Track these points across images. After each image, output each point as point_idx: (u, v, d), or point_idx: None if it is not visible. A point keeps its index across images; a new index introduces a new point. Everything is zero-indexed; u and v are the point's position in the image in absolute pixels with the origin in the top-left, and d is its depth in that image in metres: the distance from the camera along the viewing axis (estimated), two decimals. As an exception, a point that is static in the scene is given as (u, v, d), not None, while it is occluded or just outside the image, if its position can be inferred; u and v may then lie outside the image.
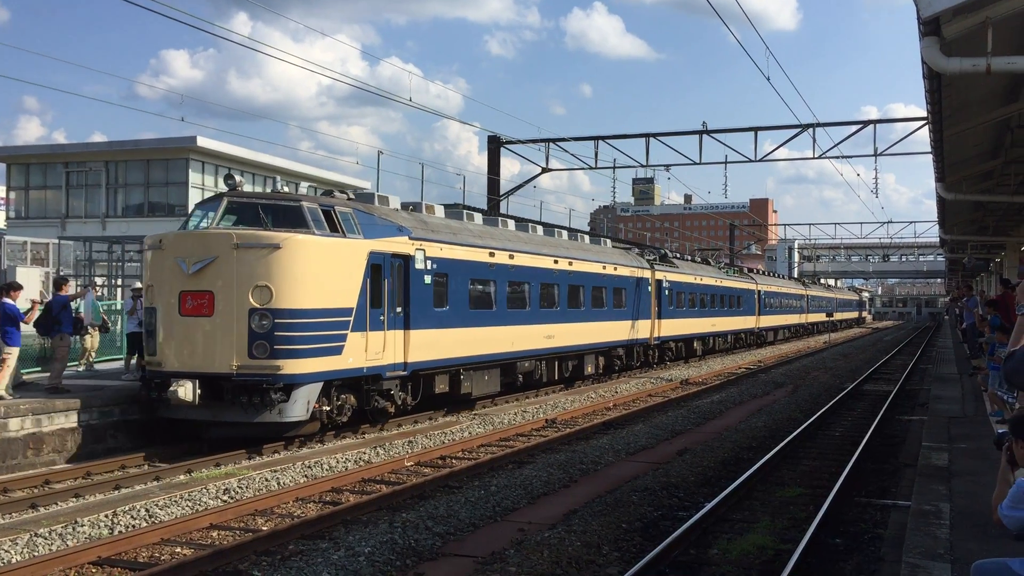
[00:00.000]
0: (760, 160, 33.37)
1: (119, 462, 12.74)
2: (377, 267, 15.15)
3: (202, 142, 35.82)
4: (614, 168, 36.19)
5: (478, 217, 20.88)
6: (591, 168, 34.79)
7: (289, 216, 14.20)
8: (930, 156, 19.71)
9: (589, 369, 24.57)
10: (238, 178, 15.14)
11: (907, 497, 9.27)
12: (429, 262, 16.74)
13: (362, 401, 15.31)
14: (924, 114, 21.55)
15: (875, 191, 38.85)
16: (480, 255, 18.73)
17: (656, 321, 29.55)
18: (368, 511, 10.02)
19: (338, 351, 14.22)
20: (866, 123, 32.15)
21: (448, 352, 17.41)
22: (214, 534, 9.25)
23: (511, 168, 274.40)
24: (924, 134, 27.00)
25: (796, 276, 75.49)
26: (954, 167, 20.48)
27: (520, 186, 37.11)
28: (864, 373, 28.21)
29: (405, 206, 17.81)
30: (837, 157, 32.97)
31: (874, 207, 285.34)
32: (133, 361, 16.83)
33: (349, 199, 16.20)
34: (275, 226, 13.96)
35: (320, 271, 13.99)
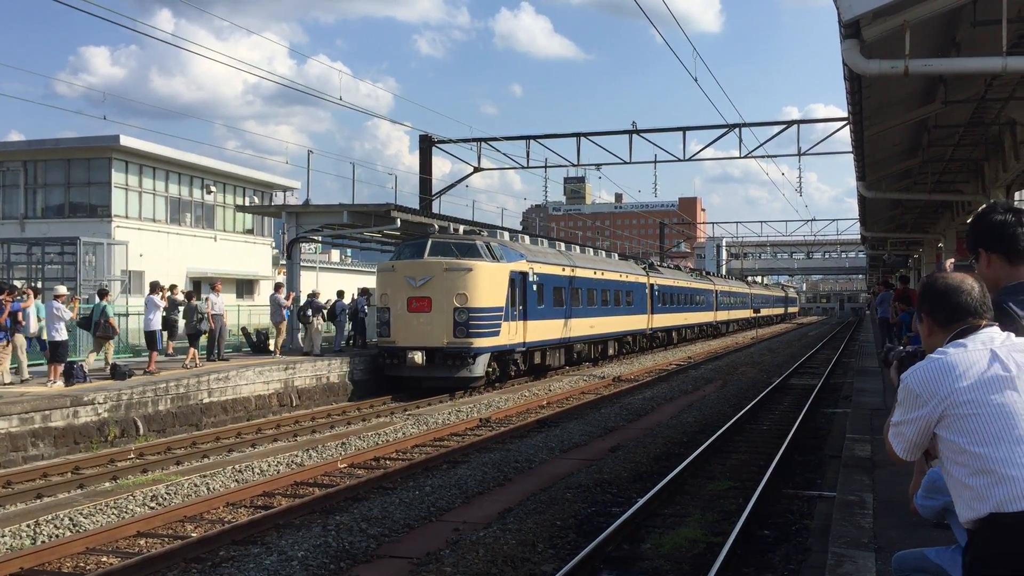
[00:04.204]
0: (688, 159, 33.81)
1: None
2: (512, 280, 22.90)
3: (125, 141, 34.85)
4: (545, 167, 36.32)
5: (545, 242, 29.49)
6: (523, 167, 34.87)
7: (470, 250, 22.26)
8: (851, 155, 20.21)
9: (611, 351, 32.43)
10: (436, 227, 23.78)
11: (832, 488, 9.49)
12: (535, 276, 24.60)
13: (503, 366, 23.16)
14: (844, 115, 22.11)
15: (799, 190, 39.95)
16: (558, 270, 26.84)
17: (650, 315, 37.52)
18: (301, 514, 9.91)
19: (497, 334, 22.08)
20: (790, 123, 32.84)
21: (543, 336, 25.14)
22: (142, 542, 9.05)
23: (442, 167, 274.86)
24: (845, 134, 27.71)
25: (723, 273, 76.85)
26: (874, 166, 21.03)
27: (452, 185, 37.02)
28: (790, 368, 28.80)
29: (512, 237, 26.75)
30: (762, 156, 33.64)
31: (798, 205, 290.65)
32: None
33: (487, 235, 24.26)
34: (461, 256, 21.88)
35: (490, 284, 21.94)
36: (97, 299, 18.25)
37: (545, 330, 25.25)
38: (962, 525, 2.80)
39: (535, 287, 24.44)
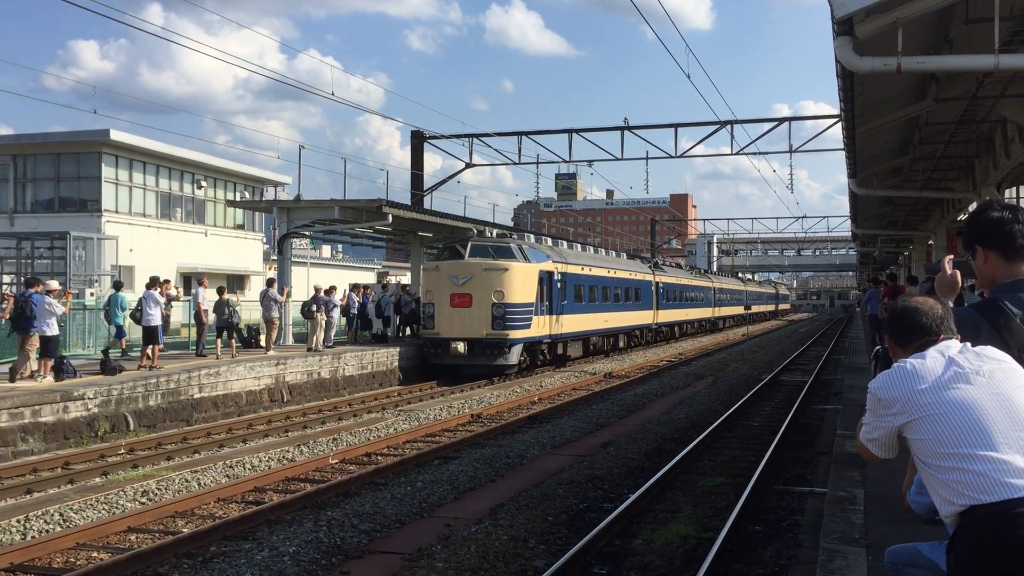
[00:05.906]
0: (680, 156, 33.94)
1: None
2: (541, 279, 25.33)
3: (115, 135, 34.73)
4: (537, 163, 36.41)
5: (564, 243, 31.95)
6: (514, 163, 34.95)
7: (505, 252, 24.74)
8: (842, 153, 20.26)
9: (621, 344, 34.77)
10: (476, 230, 26.28)
11: (823, 484, 9.53)
12: (560, 275, 26.98)
13: (532, 356, 25.56)
14: (835, 111, 22.17)
15: (790, 187, 40.33)
16: (578, 269, 29.09)
17: (656, 311, 39.65)
18: (292, 510, 9.89)
19: (529, 326, 24.63)
20: (782, 120, 32.94)
21: (566, 329, 27.50)
22: (132, 537, 9.01)
23: (434, 163, 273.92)
24: (835, 131, 27.81)
25: (715, 270, 77.06)
26: (865, 163, 21.09)
27: (443, 181, 37.09)
28: (781, 364, 28.86)
29: (537, 239, 29.19)
30: (754, 153, 33.76)
31: (789, 202, 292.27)
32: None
33: (517, 237, 27.51)
34: (498, 257, 24.40)
35: (523, 282, 24.39)
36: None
37: (568, 324, 27.70)
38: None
39: (559, 284, 26.76)
